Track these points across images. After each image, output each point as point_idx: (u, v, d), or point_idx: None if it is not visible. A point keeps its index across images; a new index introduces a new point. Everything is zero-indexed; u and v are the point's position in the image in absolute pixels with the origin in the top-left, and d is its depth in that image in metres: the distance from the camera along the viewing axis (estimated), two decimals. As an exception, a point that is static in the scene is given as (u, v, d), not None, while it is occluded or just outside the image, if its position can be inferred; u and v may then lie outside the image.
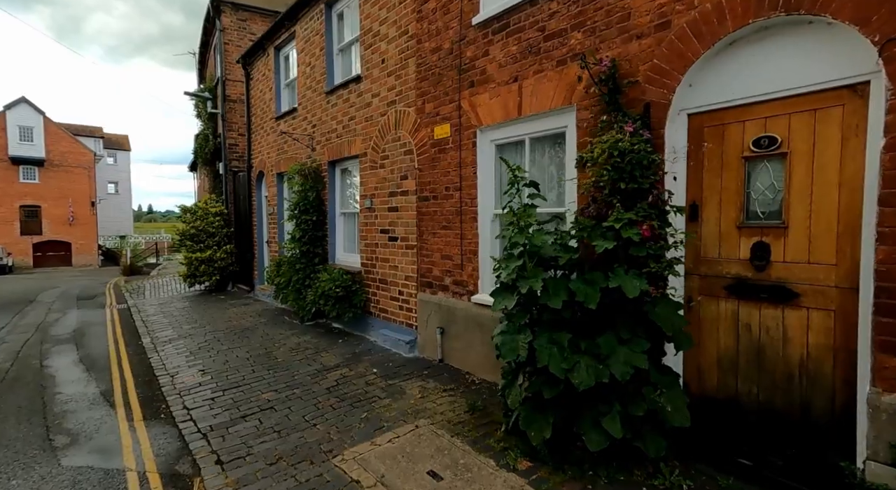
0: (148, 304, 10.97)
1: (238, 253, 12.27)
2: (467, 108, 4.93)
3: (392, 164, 6.17)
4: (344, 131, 7.24)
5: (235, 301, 10.57)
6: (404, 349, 5.90)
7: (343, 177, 7.79)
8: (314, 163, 8.07)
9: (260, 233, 10.99)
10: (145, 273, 23.39)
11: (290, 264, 8.12)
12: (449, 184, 5.24)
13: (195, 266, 11.78)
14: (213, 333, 7.52)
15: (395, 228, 6.15)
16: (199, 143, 15.33)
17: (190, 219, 12.12)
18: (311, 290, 7.43)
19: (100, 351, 7.07)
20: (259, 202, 10.94)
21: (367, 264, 6.81)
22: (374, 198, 6.54)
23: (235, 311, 9.40)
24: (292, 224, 8.07)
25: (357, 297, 6.74)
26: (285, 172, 9.28)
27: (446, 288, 5.37)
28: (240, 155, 12.58)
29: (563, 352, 2.93)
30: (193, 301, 10.89)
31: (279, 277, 8.59)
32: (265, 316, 8.74)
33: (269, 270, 9.23)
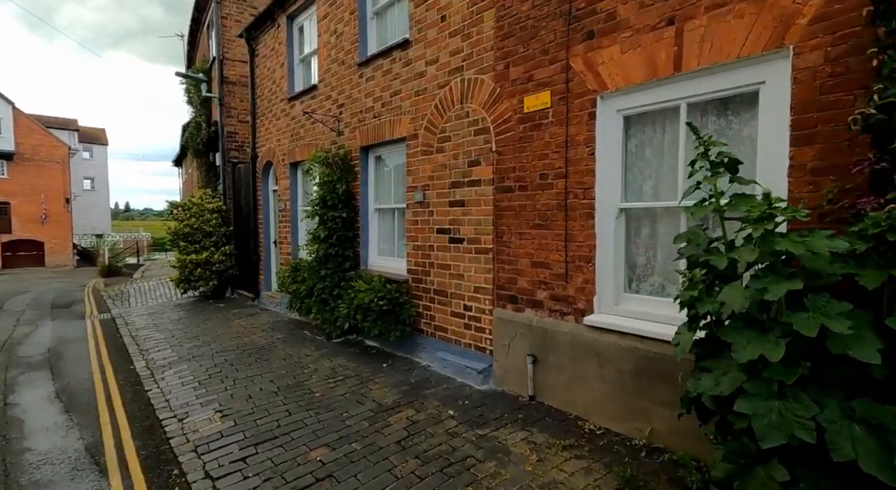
0: (135, 313, 9.54)
1: (238, 255, 10.89)
2: (581, 69, 3.74)
3: (456, 147, 4.95)
4: (384, 110, 5.99)
5: (239, 310, 9.22)
6: (475, 379, 4.70)
7: (379, 165, 6.53)
8: (341, 149, 6.80)
9: (267, 232, 9.64)
10: (126, 274, 21.74)
11: (312, 270, 6.84)
12: (546, 170, 4.05)
13: (189, 270, 10.37)
14: (222, 354, 6.20)
15: (460, 228, 4.94)
16: (189, 133, 13.85)
17: (183, 216, 10.70)
18: (342, 301, 6.17)
19: (82, 379, 5.71)
20: (266, 197, 9.59)
21: (416, 271, 5.57)
22: (428, 190, 5.32)
23: (242, 323, 8.07)
24: (314, 222, 6.79)
25: (405, 312, 5.50)
26: (302, 162, 7.99)
27: (539, 304, 4.18)
28: (240, 144, 11.20)
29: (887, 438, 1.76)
30: (189, 310, 9.50)
31: (296, 285, 7.29)
32: (280, 330, 7.43)
33: (282, 276, 7.92)
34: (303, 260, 7.51)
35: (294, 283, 7.40)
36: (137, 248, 30.52)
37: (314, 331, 7.12)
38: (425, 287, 5.44)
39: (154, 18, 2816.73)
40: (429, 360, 5.42)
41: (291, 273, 7.55)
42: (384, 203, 6.49)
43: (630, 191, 3.68)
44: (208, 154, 14.05)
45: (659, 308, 3.45)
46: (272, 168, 9.43)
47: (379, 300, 5.49)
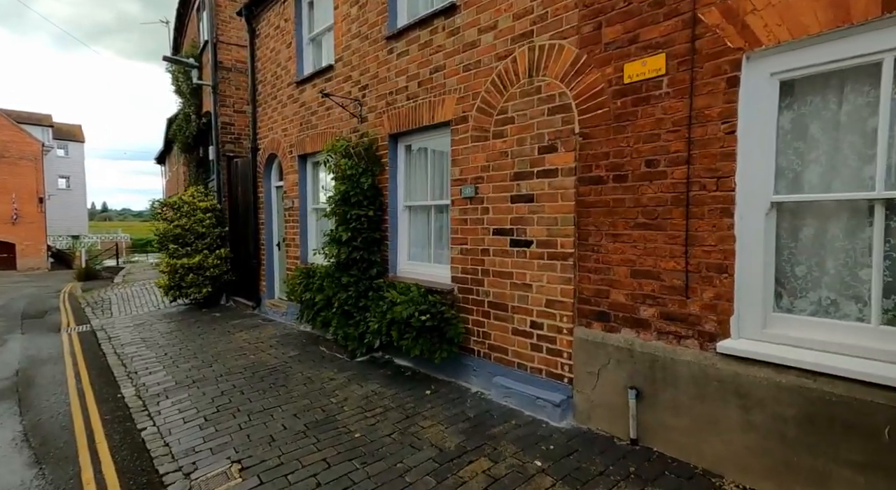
0: (120, 324, 8.48)
1: (235, 258, 9.87)
2: (716, 22, 2.91)
3: (521, 129, 4.08)
4: (420, 90, 5.10)
5: (239, 321, 8.21)
6: (550, 414, 3.84)
7: (410, 155, 5.63)
8: (364, 138, 5.88)
9: (269, 233, 8.66)
10: (105, 278, 20.40)
11: (331, 277, 5.91)
12: (657, 154, 3.22)
13: (180, 275, 9.33)
14: (228, 377, 5.24)
15: (526, 228, 4.07)
16: (177, 126, 12.75)
17: (172, 216, 9.63)
18: (371, 314, 5.26)
19: (57, 413, 4.69)
20: (268, 194, 8.60)
21: (464, 280, 4.69)
22: (482, 183, 4.44)
23: (245, 337, 7.08)
24: (333, 222, 5.86)
25: (453, 330, 4.61)
26: (314, 153, 7.04)
27: (643, 324, 3.34)
28: (236, 136, 10.18)
29: None
30: (182, 322, 8.46)
31: (310, 293, 6.35)
32: (291, 346, 6.47)
33: (292, 283, 6.96)
34: (317, 265, 6.57)
35: (307, 291, 6.46)
36: (117, 250, 29.05)
37: (332, 347, 6.17)
38: (476, 299, 4.57)
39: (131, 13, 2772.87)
40: (481, 385, 4.55)
41: (303, 280, 6.60)
42: (417, 199, 5.60)
43: (783, 180, 2.86)
44: (198, 148, 12.98)
45: (835, 334, 2.63)
46: (275, 162, 8.46)
47: (421, 315, 4.59)
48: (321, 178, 7.28)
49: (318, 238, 7.45)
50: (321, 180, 7.31)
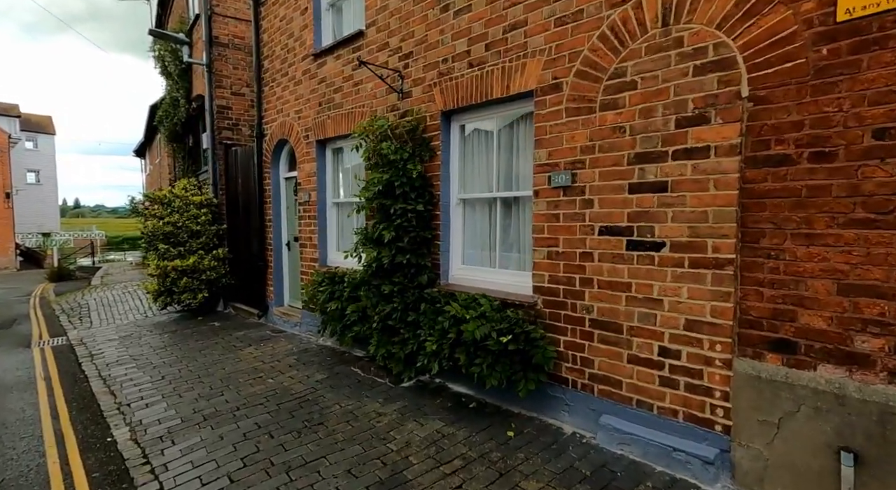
0: (102, 337, 7.30)
1: (234, 259, 8.74)
2: None
3: (647, 97, 3.12)
4: (490, 54, 4.09)
5: (244, 333, 7.11)
6: (699, 473, 2.91)
7: (467, 137, 4.63)
8: (409, 117, 4.86)
9: (277, 231, 7.55)
10: (80, 279, 18.93)
11: (367, 285, 4.88)
12: (891, 121, 2.29)
13: (172, 279, 8.17)
14: (247, 411, 4.19)
15: (654, 225, 3.12)
16: (163, 112, 11.47)
17: (162, 212, 8.45)
18: (426, 332, 4.24)
19: (27, 469, 3.59)
20: (276, 186, 7.49)
21: (553, 290, 3.72)
22: (582, 168, 3.47)
23: (256, 354, 6.00)
24: (372, 218, 4.84)
25: (541, 354, 3.63)
26: (338, 137, 5.98)
27: (864, 360, 2.42)
28: (234, 122, 9.01)
29: None
30: (176, 333, 7.31)
31: (337, 303, 5.33)
32: (314, 365, 5.42)
33: (311, 290, 5.92)
34: (344, 270, 5.54)
35: (333, 300, 5.42)
36: (93, 249, 27.38)
37: (368, 368, 5.14)
38: (573, 315, 3.60)
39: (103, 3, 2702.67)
40: (579, 425, 3.60)
41: (328, 287, 5.56)
42: (475, 191, 4.60)
43: None
44: (187, 137, 11.73)
45: None
46: (285, 149, 7.35)
47: (501, 335, 3.62)
48: (346, 168, 6.22)
49: (341, 237, 6.40)
50: (346, 169, 6.25)
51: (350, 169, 6.11)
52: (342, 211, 6.35)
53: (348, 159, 6.17)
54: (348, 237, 6.28)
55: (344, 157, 6.25)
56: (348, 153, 6.13)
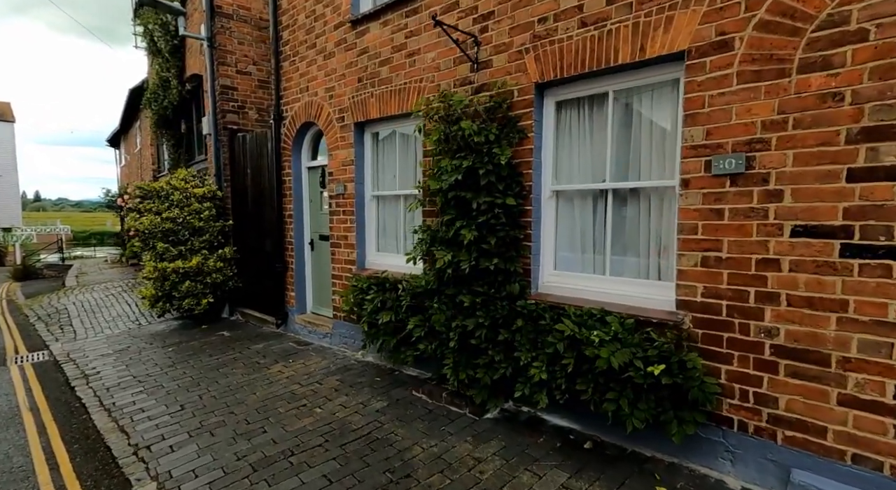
0: (94, 351, 6.25)
1: (242, 260, 7.75)
2: None
3: (885, 50, 2.37)
4: (612, 7, 3.27)
5: (263, 345, 6.16)
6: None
7: (564, 114, 3.81)
8: (491, 92, 4.01)
9: (299, 228, 6.60)
10: (48, 278, 17.46)
11: (440, 295, 4.04)
12: None
13: (172, 282, 7.14)
14: (306, 458, 3.31)
15: (892, 225, 2.37)
16: (150, 95, 10.28)
17: (159, 207, 7.38)
18: (526, 354, 3.43)
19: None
20: (297, 177, 6.53)
21: (711, 306, 2.95)
22: (763, 149, 2.70)
23: (287, 372, 5.09)
24: (448, 214, 3.97)
25: (698, 388, 2.86)
26: (384, 119, 5.10)
27: None
28: (239, 104, 7.97)
29: None
30: (183, 346, 6.31)
31: (391, 314, 4.47)
32: (364, 388, 4.55)
33: (353, 297, 5.04)
34: (397, 275, 4.67)
35: (385, 310, 4.56)
36: (61, 244, 25.65)
37: (434, 392, 4.28)
38: (742, 339, 2.85)
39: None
40: (752, 479, 2.85)
41: (377, 295, 4.69)
42: (575, 180, 3.80)
43: None
44: (178, 123, 10.58)
45: None
46: (309, 134, 6.40)
47: (647, 364, 2.85)
48: (391, 155, 5.32)
49: (382, 235, 5.53)
50: (390, 157, 5.35)
51: (396, 156, 5.23)
52: (385, 205, 5.48)
53: (393, 145, 5.28)
54: (391, 236, 5.42)
55: (387, 143, 5.36)
56: (396, 138, 5.24)
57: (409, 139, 5.03)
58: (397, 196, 5.27)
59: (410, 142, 5.02)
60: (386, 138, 5.35)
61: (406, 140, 5.08)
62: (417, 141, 4.87)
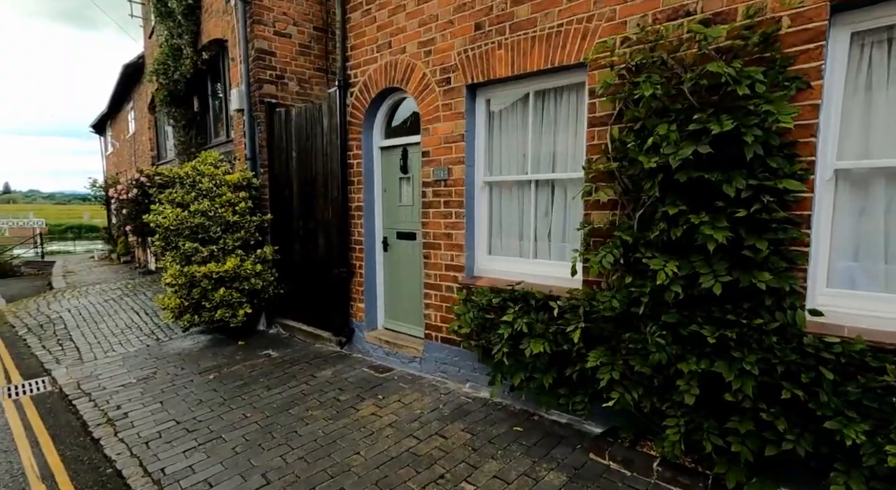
0: (111, 380, 4.89)
1: (283, 261, 6.42)
2: None
3: None
4: None
5: (329, 372, 4.86)
6: None
7: (867, 59, 2.60)
8: (743, 21, 2.76)
9: (370, 224, 5.29)
10: (28, 275, 15.79)
11: (654, 324, 2.81)
12: None
13: (203, 289, 5.79)
14: None
15: None
16: (159, 65, 8.75)
17: (185, 197, 5.99)
18: (854, 429, 2.24)
19: None
20: (368, 159, 5.21)
21: None
22: None
23: (388, 418, 3.81)
24: (674, 205, 2.74)
25: None
26: (511, 79, 3.80)
27: None
28: (278, 73, 6.58)
29: None
30: (225, 372, 4.97)
31: (545, 343, 3.23)
32: (515, 447, 3.29)
33: (474, 318, 3.78)
34: (542, 288, 3.42)
35: (534, 337, 3.32)
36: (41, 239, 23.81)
37: (629, 459, 3.05)
38: None
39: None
40: None
41: (517, 316, 3.43)
42: (876, 154, 2.59)
43: None
44: (190, 99, 9.10)
45: None
46: (385, 105, 5.08)
47: None
48: (511, 129, 4.04)
49: (499, 234, 4.28)
50: (516, 130, 4.08)
51: (528, 128, 3.94)
52: (504, 195, 4.22)
53: (522, 114, 4.01)
54: (512, 234, 4.18)
55: (511, 112, 4.08)
56: (528, 104, 3.97)
57: (561, 103, 3.75)
58: (526, 182, 4.01)
59: (562, 107, 3.75)
60: (512, 105, 4.07)
61: (552, 104, 3.80)
62: (575, 105, 3.61)
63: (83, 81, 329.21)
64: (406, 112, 5.02)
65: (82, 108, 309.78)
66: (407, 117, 5.01)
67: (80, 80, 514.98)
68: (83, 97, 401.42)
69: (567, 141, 3.73)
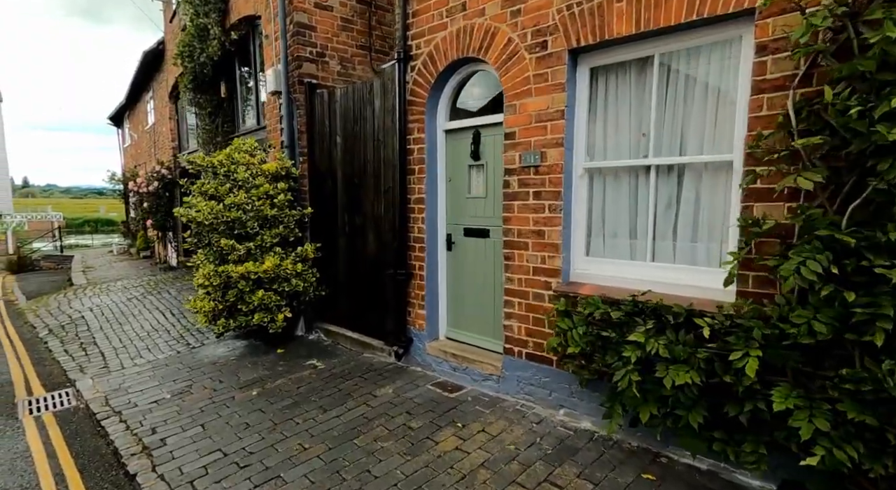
0: (141, 395, 4.28)
1: (323, 259, 5.79)
2: None
3: None
4: None
5: (390, 389, 4.20)
6: None
7: None
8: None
9: (432, 219, 4.61)
10: (47, 270, 15.46)
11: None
12: None
13: (239, 291, 5.18)
14: None
15: None
16: (184, 47, 8.11)
17: (219, 189, 5.36)
18: None
19: None
20: (431, 144, 4.52)
21: None
22: None
23: (471, 452, 3.15)
24: None
25: None
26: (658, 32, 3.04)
27: None
28: (319, 51, 5.91)
29: None
30: (267, 386, 4.33)
31: (693, 373, 2.53)
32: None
33: (586, 334, 3.09)
34: (661, 300, 2.70)
35: (676, 364, 2.61)
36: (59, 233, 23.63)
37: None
38: None
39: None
40: None
41: (648, 336, 2.73)
42: None
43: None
44: (217, 84, 8.47)
45: None
46: (453, 80, 4.37)
47: None
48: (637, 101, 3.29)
49: (602, 232, 3.57)
50: (627, 105, 3.35)
51: (652, 101, 3.21)
52: (604, 184, 3.51)
53: (638, 85, 3.28)
54: (620, 232, 3.48)
55: (624, 81, 3.36)
56: (653, 71, 3.24)
57: (700, 67, 3.00)
58: (642, 168, 3.30)
59: (702, 72, 3.00)
60: (625, 74, 3.34)
61: (687, 69, 3.06)
62: (725, 68, 2.88)
63: (97, 76, 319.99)
64: (478, 88, 4.32)
65: (98, 102, 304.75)
66: (479, 94, 4.31)
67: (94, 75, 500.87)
68: (98, 92, 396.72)
69: (705, 115, 3.00)
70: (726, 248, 2.90)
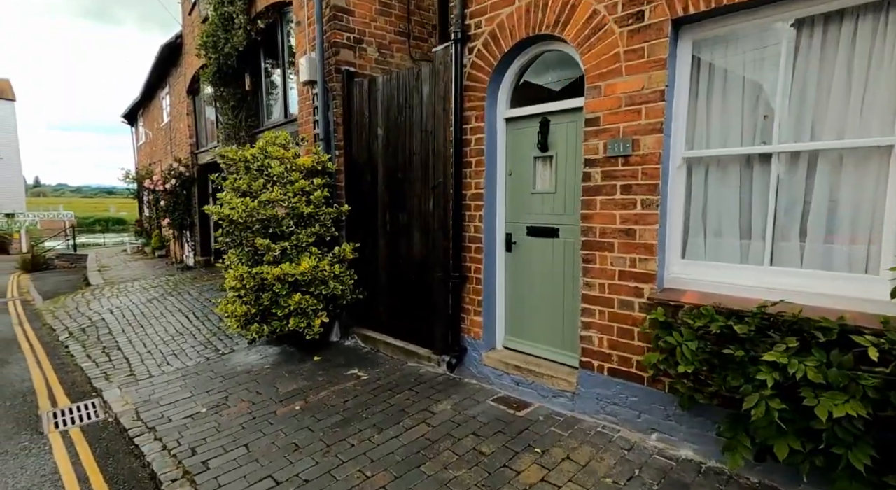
0: (173, 407, 3.89)
1: (361, 261, 5.38)
2: None
3: None
4: None
5: (448, 406, 3.77)
6: None
7: None
8: None
9: (490, 217, 4.16)
10: (60, 268, 15.27)
11: None
12: None
13: (274, 295, 4.79)
14: None
15: None
16: (207, 37, 7.73)
17: (253, 185, 4.96)
18: None
19: None
20: (491, 135, 4.08)
21: None
22: None
23: (561, 485, 2.75)
24: None
25: None
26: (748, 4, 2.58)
27: None
28: (356, 36, 5.49)
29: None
30: (310, 400, 3.92)
31: (869, 404, 2.07)
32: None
33: (700, 351, 2.64)
34: (800, 312, 2.25)
35: (836, 392, 2.16)
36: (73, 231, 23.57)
37: None
38: None
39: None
40: None
41: (793, 359, 2.28)
42: None
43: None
44: (241, 75, 8.09)
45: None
46: (516, 63, 3.93)
47: None
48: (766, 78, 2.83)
49: (700, 228, 3.12)
50: (743, 87, 2.90)
51: (791, 77, 2.74)
52: (707, 176, 3.06)
53: (744, 63, 2.83)
54: (726, 230, 3.02)
55: (733, 59, 2.90)
56: (756, 50, 2.79)
57: (843, 35, 2.53)
58: (761, 157, 2.84)
59: (845, 40, 2.53)
60: (740, 46, 2.88)
61: (825, 38, 2.59)
62: (879, 36, 2.41)
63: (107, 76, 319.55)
64: (546, 70, 3.87)
65: (109, 101, 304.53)
66: (547, 76, 3.87)
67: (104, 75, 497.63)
68: (109, 91, 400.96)
69: (849, 93, 2.54)
70: (875, 250, 2.45)
